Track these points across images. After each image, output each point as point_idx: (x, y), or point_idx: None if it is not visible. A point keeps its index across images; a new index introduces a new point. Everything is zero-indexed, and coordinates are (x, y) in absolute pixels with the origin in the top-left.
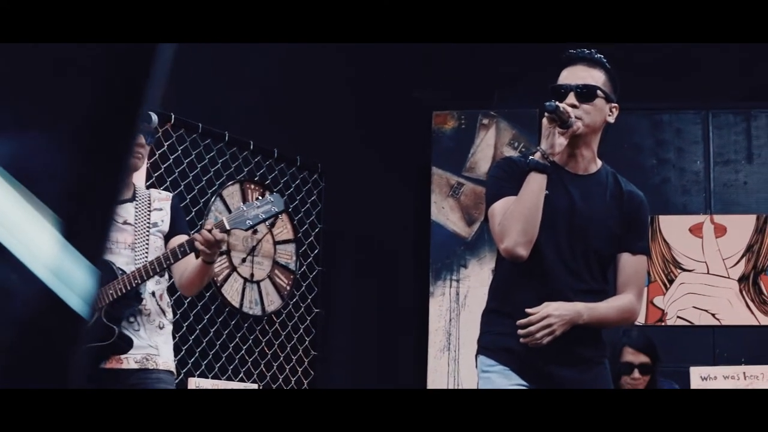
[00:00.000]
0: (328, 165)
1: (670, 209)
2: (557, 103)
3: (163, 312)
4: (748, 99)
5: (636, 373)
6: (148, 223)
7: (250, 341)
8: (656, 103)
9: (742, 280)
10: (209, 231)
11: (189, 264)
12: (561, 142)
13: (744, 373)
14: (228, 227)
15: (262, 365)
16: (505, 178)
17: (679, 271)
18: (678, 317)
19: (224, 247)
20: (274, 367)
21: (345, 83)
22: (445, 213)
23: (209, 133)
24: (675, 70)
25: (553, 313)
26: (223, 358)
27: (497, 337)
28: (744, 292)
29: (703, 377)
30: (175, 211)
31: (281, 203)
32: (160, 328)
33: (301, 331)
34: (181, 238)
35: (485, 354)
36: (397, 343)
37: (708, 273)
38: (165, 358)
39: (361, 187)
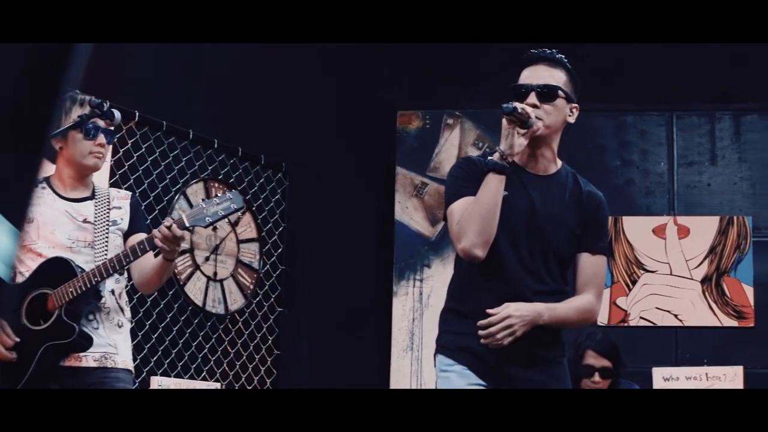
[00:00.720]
0: (292, 164)
1: (633, 210)
2: (515, 104)
3: (122, 310)
4: (713, 101)
5: (597, 377)
6: (108, 221)
7: (213, 340)
8: (621, 104)
9: (705, 281)
10: (168, 228)
11: (148, 262)
12: (521, 142)
13: (706, 374)
14: (188, 224)
15: (224, 364)
16: (465, 178)
17: (642, 272)
18: (641, 318)
19: (185, 245)
20: (237, 366)
21: (310, 82)
22: (409, 213)
23: (173, 130)
24: (639, 72)
25: (514, 314)
26: (186, 357)
27: (456, 336)
28: (707, 294)
29: (666, 378)
30: (135, 210)
31: (240, 200)
32: (119, 327)
33: (264, 330)
34: (141, 237)
35: (444, 353)
36: (360, 343)
37: (671, 274)
38: (124, 357)
39: (325, 186)
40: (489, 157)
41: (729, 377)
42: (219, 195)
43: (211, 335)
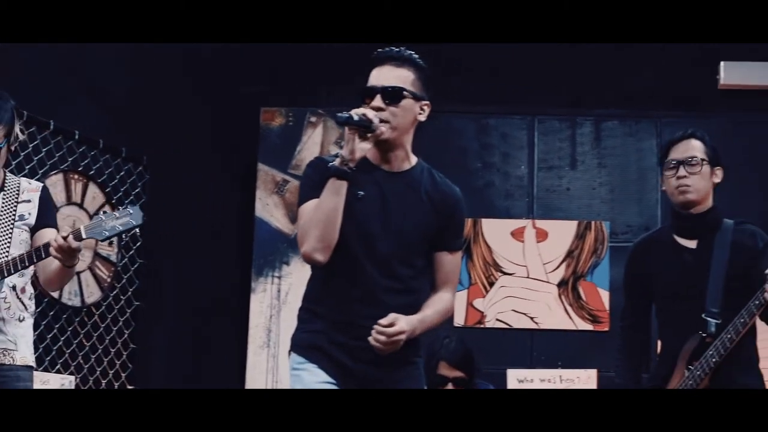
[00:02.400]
0: (153, 157)
1: (493, 213)
2: (351, 113)
3: (24, 306)
4: (574, 106)
5: (450, 387)
6: (14, 215)
7: (69, 332)
8: (483, 106)
9: (562, 284)
10: (64, 238)
11: (52, 263)
12: (363, 147)
13: (560, 376)
14: (84, 236)
15: (79, 357)
16: (315, 180)
17: (499, 274)
18: (497, 320)
19: (80, 256)
20: (92, 360)
21: (173, 77)
22: (269, 209)
23: (34, 120)
24: (502, 75)
25: (405, 329)
26: (41, 349)
27: (309, 335)
28: (563, 297)
29: (520, 380)
30: (43, 203)
31: (139, 217)
32: (20, 321)
33: (121, 323)
34: (48, 232)
35: (296, 351)
36: (217, 339)
37: (528, 277)
38: (23, 353)
39: (186, 180)
40: (330, 163)
41: (583, 380)
42: (120, 209)
43: (67, 328)
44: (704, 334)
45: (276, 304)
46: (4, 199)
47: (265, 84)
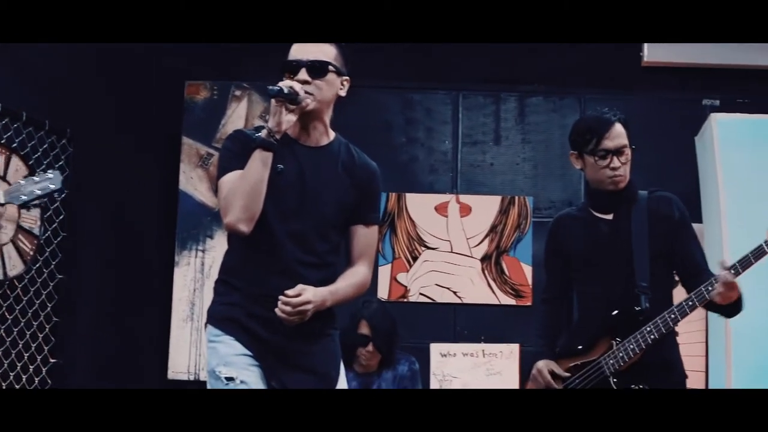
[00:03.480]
0: (77, 130)
1: (417, 188)
2: (280, 85)
3: None
4: (499, 81)
5: (370, 347)
6: None
7: None
8: (407, 81)
9: (485, 259)
10: None
11: None
12: (289, 119)
13: (483, 350)
14: (3, 200)
15: (2, 330)
16: (236, 152)
17: (423, 248)
18: (420, 294)
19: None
20: (14, 333)
21: (98, 48)
22: (193, 183)
23: None
24: (427, 50)
25: (312, 299)
26: None
27: (225, 307)
28: (486, 272)
29: (443, 354)
30: None
31: (59, 181)
32: None
33: (44, 297)
34: None
35: (212, 323)
36: (141, 312)
37: (452, 251)
38: None
39: (110, 153)
40: (257, 134)
41: (506, 354)
42: (40, 173)
43: None
44: (637, 308)
45: (199, 277)
46: None
47: (189, 57)
